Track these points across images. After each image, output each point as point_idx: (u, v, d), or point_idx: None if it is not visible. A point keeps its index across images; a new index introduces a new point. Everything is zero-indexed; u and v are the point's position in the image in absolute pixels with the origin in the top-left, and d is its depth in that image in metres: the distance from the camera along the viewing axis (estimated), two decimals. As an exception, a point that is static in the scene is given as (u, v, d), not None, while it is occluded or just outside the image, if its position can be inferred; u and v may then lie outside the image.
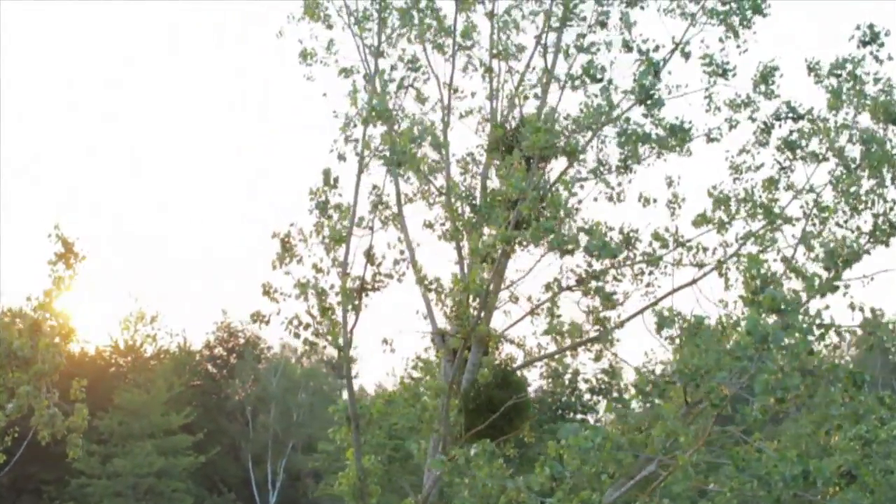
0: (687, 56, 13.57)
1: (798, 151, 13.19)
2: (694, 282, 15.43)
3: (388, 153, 11.69)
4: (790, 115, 12.57)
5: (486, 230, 15.71)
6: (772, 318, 9.83)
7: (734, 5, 13.99)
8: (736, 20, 14.41)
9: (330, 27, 17.22)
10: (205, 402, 60.39)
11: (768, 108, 15.11)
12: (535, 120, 12.65)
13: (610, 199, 13.98)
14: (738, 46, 15.06)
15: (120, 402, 49.25)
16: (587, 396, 27.97)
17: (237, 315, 67.95)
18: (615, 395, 31.48)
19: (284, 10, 16.94)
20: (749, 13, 14.43)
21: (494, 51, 16.75)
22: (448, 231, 16.14)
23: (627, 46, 12.30)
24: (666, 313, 11.62)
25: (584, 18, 12.96)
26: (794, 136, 13.13)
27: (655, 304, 14.85)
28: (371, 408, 15.55)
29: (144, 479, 48.84)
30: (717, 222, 15.28)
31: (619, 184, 14.92)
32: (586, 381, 26.94)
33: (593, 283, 13.09)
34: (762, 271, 11.15)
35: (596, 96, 12.15)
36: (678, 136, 12.09)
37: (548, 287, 13.71)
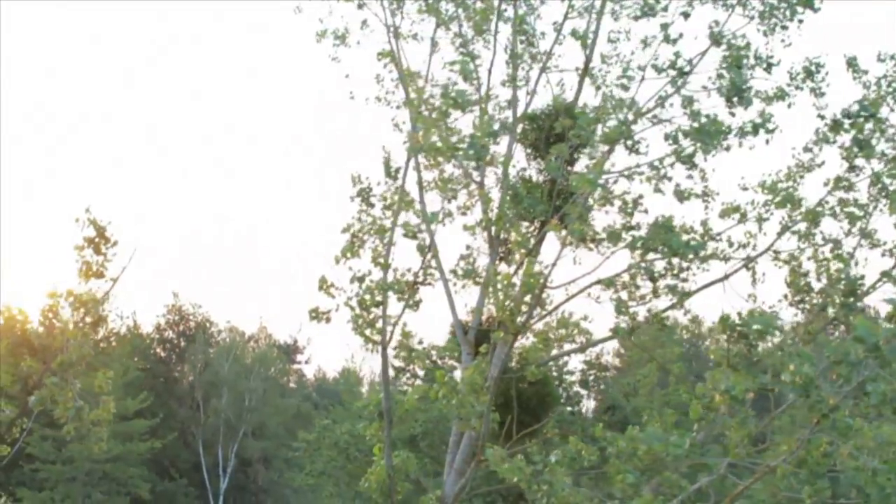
0: (719, 43, 13.18)
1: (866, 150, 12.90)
2: (726, 277, 15.16)
3: (465, 146, 11.08)
4: (862, 114, 12.25)
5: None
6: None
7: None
8: (781, 14, 14.13)
9: (361, 6, 16.70)
10: (155, 386, 59.26)
11: (806, 103, 14.92)
12: (606, 111, 12.19)
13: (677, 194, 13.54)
14: (783, 40, 14.79)
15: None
16: (575, 389, 27.59)
17: (188, 298, 67.06)
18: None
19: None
20: (798, 7, 14.16)
21: (522, 38, 16.32)
22: (482, 222, 15.65)
23: (716, 41, 11.88)
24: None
25: (665, 9, 12.49)
26: (865, 134, 12.81)
27: (687, 297, 14.53)
28: (405, 403, 15.02)
29: (100, 465, 47.70)
30: (748, 215, 15.06)
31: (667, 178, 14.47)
32: (570, 372, 26.56)
33: (662, 281, 12.70)
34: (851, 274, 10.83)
35: (676, 89, 11.69)
36: (755, 131, 11.71)
37: (609, 283, 13.27)
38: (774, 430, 14.44)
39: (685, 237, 11.64)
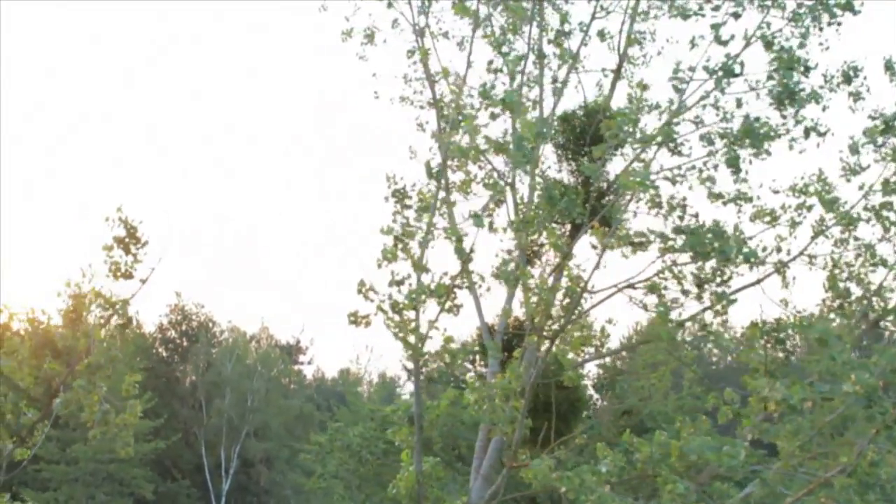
0: (770, 45, 12.88)
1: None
2: (758, 281, 14.88)
3: (511, 149, 10.75)
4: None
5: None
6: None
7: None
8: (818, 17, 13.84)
9: (390, 6, 16.44)
10: (157, 387, 58.92)
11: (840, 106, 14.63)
12: (635, 111, 11.89)
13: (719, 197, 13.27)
14: (821, 44, 14.48)
15: (79, 386, 47.53)
16: (589, 392, 27.39)
17: (191, 297, 66.73)
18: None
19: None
20: (837, 10, 13.86)
21: (549, 37, 16.06)
22: (513, 224, 15.35)
23: (767, 43, 11.58)
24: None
25: (716, 9, 12.17)
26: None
27: (733, 303, 14.26)
28: (436, 408, 14.72)
29: (104, 466, 47.38)
30: (781, 219, 14.82)
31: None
32: (581, 377, 26.30)
33: (709, 287, 12.39)
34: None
35: (725, 90, 11.40)
36: (807, 135, 11.45)
37: (654, 287, 12.96)
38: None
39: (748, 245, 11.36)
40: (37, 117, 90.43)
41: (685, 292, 12.02)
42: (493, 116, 11.30)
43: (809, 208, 14.93)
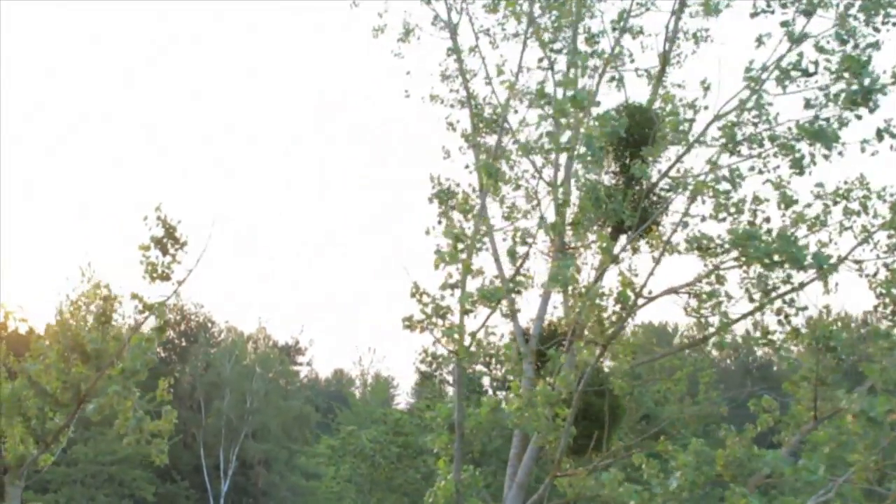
0: (844, 42, 12.46)
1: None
2: (801, 286, 14.49)
3: (582, 149, 10.32)
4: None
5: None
6: None
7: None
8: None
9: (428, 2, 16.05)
10: (156, 387, 57.56)
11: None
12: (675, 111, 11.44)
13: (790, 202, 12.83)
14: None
15: (79, 386, 47.04)
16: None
17: (189, 297, 66.03)
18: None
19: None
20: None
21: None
22: (554, 226, 14.92)
23: (841, 39, 11.18)
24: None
25: (784, 6, 11.75)
26: None
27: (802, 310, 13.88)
28: (478, 416, 14.25)
29: (104, 468, 46.84)
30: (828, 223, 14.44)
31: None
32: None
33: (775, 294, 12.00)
34: None
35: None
36: (880, 137, 11.06)
37: (711, 295, 12.53)
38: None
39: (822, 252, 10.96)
40: (37, 117, 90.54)
41: (751, 299, 11.59)
42: (544, 117, 10.84)
43: (858, 213, 14.55)
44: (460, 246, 11.86)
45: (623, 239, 15.05)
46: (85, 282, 13.85)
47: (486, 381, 31.43)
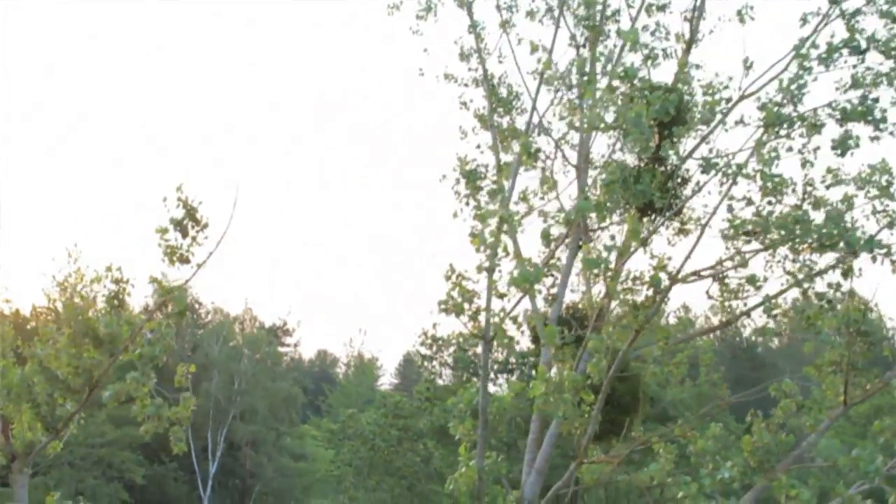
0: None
1: None
2: (824, 271, 14.19)
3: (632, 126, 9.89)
4: None
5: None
6: None
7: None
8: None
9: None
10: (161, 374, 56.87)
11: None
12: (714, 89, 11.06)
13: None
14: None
15: (67, 369, 46.45)
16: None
17: (176, 278, 65.14)
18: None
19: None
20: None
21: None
22: (579, 209, 14.54)
23: (893, 17, 10.81)
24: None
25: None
26: None
27: (805, 291, 13.56)
28: (503, 401, 13.90)
29: (94, 450, 46.34)
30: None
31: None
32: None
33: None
34: None
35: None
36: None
37: (753, 280, 12.18)
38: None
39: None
40: (36, 115, 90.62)
41: (798, 283, 11.25)
42: (612, 89, 10.40)
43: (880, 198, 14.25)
44: (490, 227, 11.49)
45: (647, 221, 14.75)
46: (71, 262, 13.43)
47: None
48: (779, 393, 15.13)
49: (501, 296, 11.56)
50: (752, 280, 11.87)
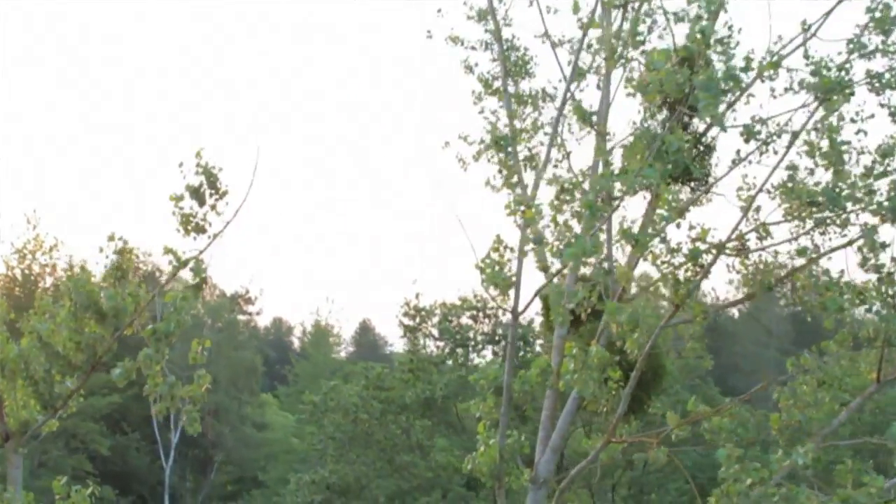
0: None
1: None
2: (850, 243, 13.76)
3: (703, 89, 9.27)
4: None
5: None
6: None
7: None
8: None
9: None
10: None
11: None
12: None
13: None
14: None
15: (29, 338, 45.34)
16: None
17: (138, 244, 64.07)
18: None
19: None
20: None
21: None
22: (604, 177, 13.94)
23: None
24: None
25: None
26: None
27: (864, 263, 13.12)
28: (530, 378, 13.36)
29: (60, 421, 45.19)
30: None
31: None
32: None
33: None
34: None
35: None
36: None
37: (801, 252, 11.67)
38: None
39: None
40: (40, 112, 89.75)
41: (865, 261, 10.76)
42: (667, 56, 9.75)
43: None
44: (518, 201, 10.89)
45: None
46: (30, 229, 12.77)
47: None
48: (796, 368, 14.71)
49: (545, 268, 10.94)
50: (802, 252, 11.36)
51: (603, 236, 13.08)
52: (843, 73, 10.76)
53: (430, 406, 29.26)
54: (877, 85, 11.53)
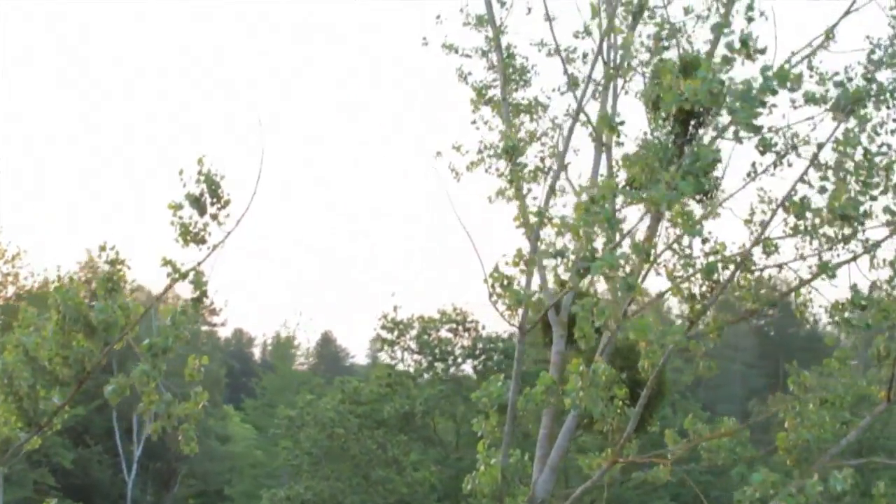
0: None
1: None
2: (855, 257, 13.54)
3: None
4: None
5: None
6: None
7: None
8: None
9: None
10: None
11: None
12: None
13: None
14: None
15: (-11, 349, 44.39)
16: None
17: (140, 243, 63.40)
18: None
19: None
20: None
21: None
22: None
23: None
24: None
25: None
26: None
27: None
28: (533, 396, 12.93)
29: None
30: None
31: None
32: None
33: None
34: None
35: None
36: None
37: (823, 268, 11.38)
38: None
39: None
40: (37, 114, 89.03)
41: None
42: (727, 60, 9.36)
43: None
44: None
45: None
46: None
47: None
48: (797, 387, 14.43)
49: (562, 283, 10.55)
50: (824, 267, 11.07)
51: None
52: (869, 83, 10.50)
53: (408, 421, 28.82)
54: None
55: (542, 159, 13.10)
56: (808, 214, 11.63)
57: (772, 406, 30.26)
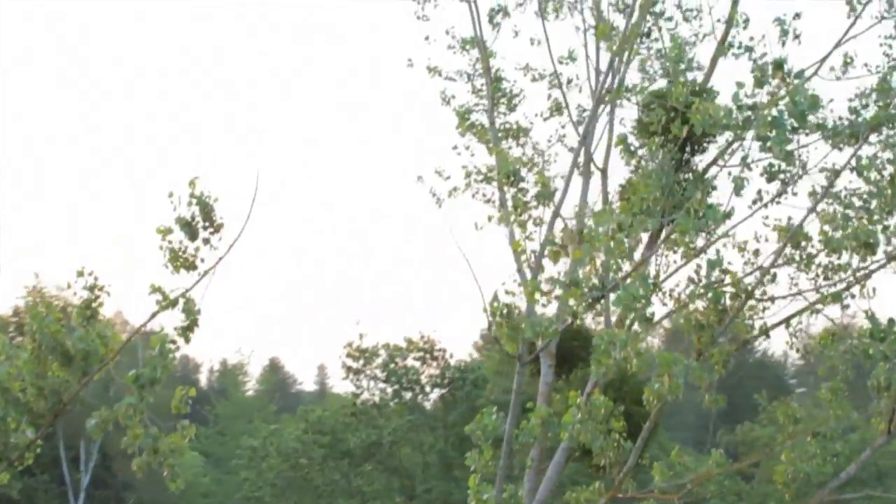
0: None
1: None
2: (848, 287, 13.34)
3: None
4: None
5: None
6: None
7: None
8: None
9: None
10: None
11: None
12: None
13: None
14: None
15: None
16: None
17: (49, 280, 61.75)
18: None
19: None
20: None
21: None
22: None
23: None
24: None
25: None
26: None
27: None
28: (530, 430, 12.53)
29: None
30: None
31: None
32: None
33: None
34: None
35: None
36: None
37: (836, 297, 11.15)
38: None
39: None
40: (39, 113, 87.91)
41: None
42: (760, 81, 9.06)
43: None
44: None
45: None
46: None
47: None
48: (787, 419, 14.20)
49: (574, 314, 10.18)
50: (836, 297, 10.84)
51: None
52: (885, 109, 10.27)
53: (374, 451, 28.19)
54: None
55: (542, 185, 12.80)
56: (816, 244, 11.44)
57: (741, 436, 30.28)
